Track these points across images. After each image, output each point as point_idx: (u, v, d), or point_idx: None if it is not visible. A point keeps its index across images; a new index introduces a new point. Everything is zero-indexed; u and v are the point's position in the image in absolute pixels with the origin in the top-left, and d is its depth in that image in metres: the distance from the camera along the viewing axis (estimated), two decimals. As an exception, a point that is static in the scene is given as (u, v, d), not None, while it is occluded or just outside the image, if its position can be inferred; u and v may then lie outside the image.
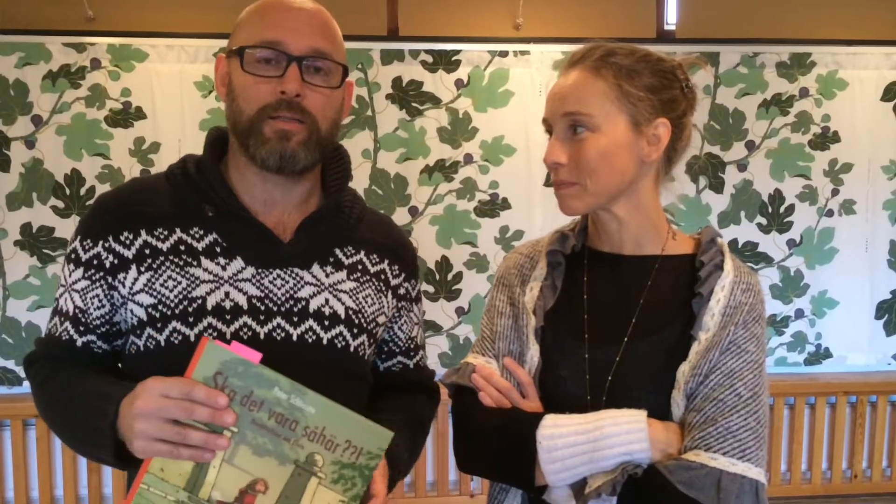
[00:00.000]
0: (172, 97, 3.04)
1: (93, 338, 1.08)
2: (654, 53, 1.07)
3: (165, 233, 1.06)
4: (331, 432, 0.89)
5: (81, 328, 1.08)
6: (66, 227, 3.02)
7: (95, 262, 1.06)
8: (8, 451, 3.06)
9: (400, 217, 3.15)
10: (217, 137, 1.13)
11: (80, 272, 1.07)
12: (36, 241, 3.02)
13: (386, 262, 1.19)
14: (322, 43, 1.05)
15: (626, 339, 1.06)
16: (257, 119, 1.03)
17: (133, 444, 0.89)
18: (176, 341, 1.03)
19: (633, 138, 1.04)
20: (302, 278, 1.08)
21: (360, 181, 3.13)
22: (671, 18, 3.29)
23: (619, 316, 1.08)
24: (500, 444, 1.04)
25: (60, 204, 3.02)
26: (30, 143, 3.00)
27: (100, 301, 1.07)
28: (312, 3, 1.09)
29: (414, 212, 3.17)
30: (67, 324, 1.08)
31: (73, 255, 1.08)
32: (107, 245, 1.06)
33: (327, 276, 1.10)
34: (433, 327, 3.21)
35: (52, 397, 1.05)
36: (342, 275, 1.12)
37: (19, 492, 3.06)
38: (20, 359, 2.44)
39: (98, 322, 1.08)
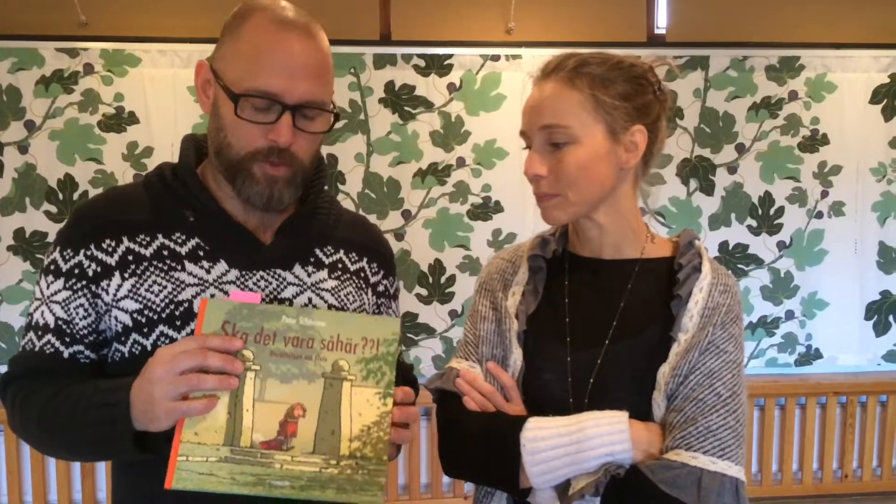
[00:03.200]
0: (165, 102, 3.05)
1: (80, 348, 1.07)
2: (625, 59, 1.08)
3: (147, 239, 1.07)
4: (346, 336, 0.93)
5: (67, 339, 1.06)
6: (60, 232, 3.02)
7: (77, 271, 1.06)
8: (1, 456, 3.07)
9: (393, 220, 3.17)
10: (193, 144, 1.15)
11: (60, 283, 1.06)
12: (29, 247, 3.03)
13: (364, 260, 1.21)
14: (316, 91, 1.04)
15: (607, 341, 1.08)
16: (247, 160, 1.04)
17: (156, 411, 0.89)
18: (163, 345, 1.03)
19: (611, 146, 1.06)
20: (284, 279, 1.10)
21: (353, 185, 3.15)
22: (661, 22, 3.31)
23: (600, 319, 1.10)
24: (484, 448, 1.05)
25: (53, 209, 3.03)
26: (23, 148, 3.00)
27: (85, 310, 1.06)
28: (308, 36, 1.04)
29: (407, 215, 3.19)
30: (49, 336, 1.06)
31: (52, 267, 1.07)
32: (88, 253, 1.06)
33: (309, 275, 1.12)
34: (426, 330, 3.22)
35: (43, 409, 1.02)
36: (323, 274, 1.14)
37: (13, 497, 3.06)
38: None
39: (85, 331, 1.07)
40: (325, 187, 1.21)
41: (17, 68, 2.98)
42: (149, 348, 1.04)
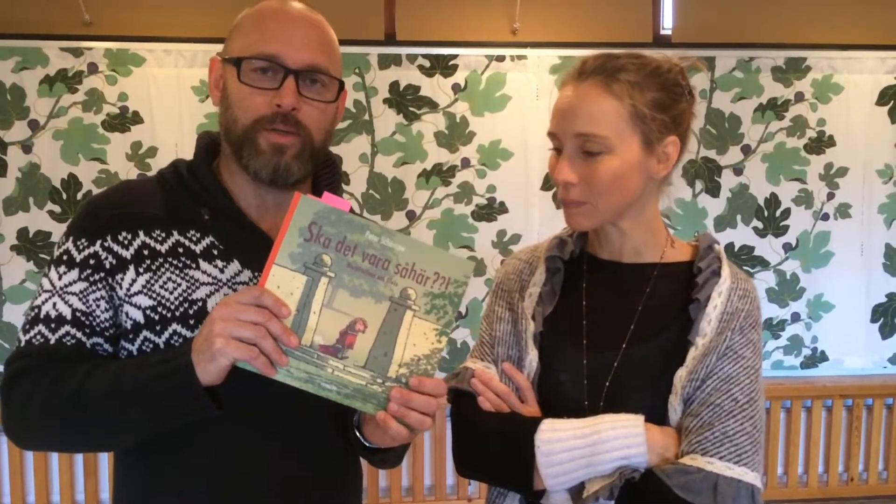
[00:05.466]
0: (170, 101, 3.04)
1: (99, 340, 1.04)
2: (661, 64, 1.05)
3: (163, 235, 1.06)
4: (420, 267, 0.94)
5: (87, 330, 1.03)
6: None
7: (93, 261, 1.04)
8: (4, 456, 3.06)
9: (397, 221, 3.15)
10: (209, 142, 1.14)
11: (74, 274, 1.03)
12: (33, 246, 3.02)
13: None
14: (320, 58, 1.05)
15: (624, 344, 1.07)
16: (252, 129, 1.04)
17: (212, 347, 0.88)
18: (176, 344, 1.02)
19: (645, 158, 1.04)
20: None
21: (357, 185, 3.14)
22: (667, 23, 3.30)
23: (618, 322, 1.09)
24: (498, 449, 1.05)
25: (57, 209, 3.02)
26: (27, 147, 3.00)
27: (106, 303, 1.04)
28: (312, 14, 1.09)
29: (411, 216, 3.18)
30: (68, 328, 1.02)
31: (64, 258, 1.04)
32: (105, 245, 1.04)
33: None
34: (430, 331, 3.20)
35: (81, 386, 0.97)
36: None
37: (16, 497, 3.05)
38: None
39: (106, 324, 1.04)
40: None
41: (21, 67, 2.97)
42: (161, 347, 1.02)
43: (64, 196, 3.02)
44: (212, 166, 1.12)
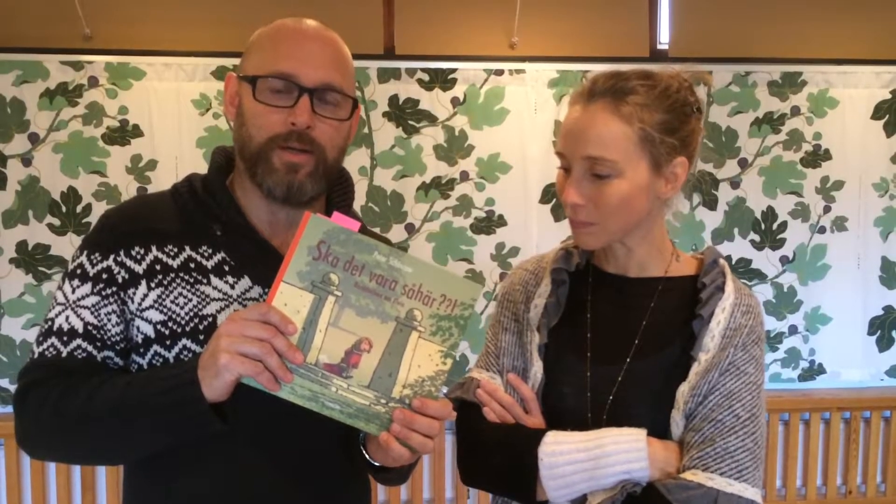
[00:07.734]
0: (170, 115, 3.05)
1: (110, 354, 1.05)
2: (670, 84, 1.05)
3: (175, 250, 1.07)
4: (427, 288, 0.95)
5: (98, 344, 1.04)
6: (62, 245, 3.02)
7: (105, 276, 1.05)
8: (1, 470, 3.04)
9: (396, 234, 3.16)
10: (224, 157, 1.15)
11: (87, 288, 1.05)
12: (32, 259, 3.02)
13: None
14: (334, 76, 1.06)
15: (628, 358, 1.08)
16: (266, 147, 1.04)
17: (217, 362, 0.89)
18: (186, 359, 1.03)
19: (653, 180, 1.05)
20: None
21: (357, 198, 3.11)
22: (664, 37, 3.33)
23: (622, 336, 1.10)
24: (502, 460, 1.06)
25: (56, 222, 3.02)
26: (26, 160, 3.00)
27: (118, 317, 1.05)
28: (326, 32, 1.10)
29: (410, 229, 3.19)
30: (79, 341, 1.03)
31: (77, 271, 1.06)
32: (119, 259, 1.05)
33: None
34: (429, 344, 3.20)
35: (90, 397, 0.98)
36: None
37: (12, 511, 3.04)
38: (14, 377, 2.42)
39: (117, 338, 1.05)
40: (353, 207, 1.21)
41: (22, 81, 2.98)
42: (171, 361, 1.03)
43: (63, 209, 3.02)
44: (226, 182, 1.13)
